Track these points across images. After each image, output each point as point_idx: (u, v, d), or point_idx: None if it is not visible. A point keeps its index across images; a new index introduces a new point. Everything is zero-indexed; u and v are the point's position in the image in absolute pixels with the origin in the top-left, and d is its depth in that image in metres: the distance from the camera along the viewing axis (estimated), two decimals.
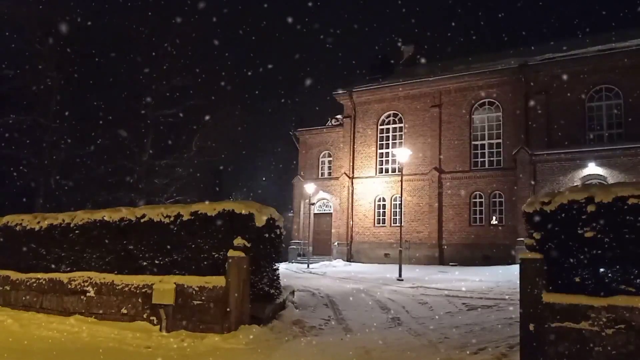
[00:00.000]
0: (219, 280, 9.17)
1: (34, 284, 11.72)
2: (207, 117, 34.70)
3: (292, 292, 11.35)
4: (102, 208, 11.93)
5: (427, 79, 29.04)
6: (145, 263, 10.37)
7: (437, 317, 10.57)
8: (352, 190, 30.45)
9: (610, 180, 21.31)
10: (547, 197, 6.57)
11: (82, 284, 10.84)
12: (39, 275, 11.73)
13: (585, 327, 5.92)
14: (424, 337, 8.61)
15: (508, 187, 25.63)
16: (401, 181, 21.70)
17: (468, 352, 7.49)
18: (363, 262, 27.92)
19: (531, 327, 6.25)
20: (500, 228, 25.91)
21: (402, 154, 21.54)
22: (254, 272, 9.39)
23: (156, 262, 10.23)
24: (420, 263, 25.86)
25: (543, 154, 23.97)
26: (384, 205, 29.59)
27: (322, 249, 31.16)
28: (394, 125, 30.15)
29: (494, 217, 26.41)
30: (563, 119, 24.61)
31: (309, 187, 29.61)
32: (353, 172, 30.67)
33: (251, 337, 8.60)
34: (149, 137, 34.05)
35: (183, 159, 34.76)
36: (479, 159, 27.40)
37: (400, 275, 18.31)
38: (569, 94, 24.75)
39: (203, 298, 9.26)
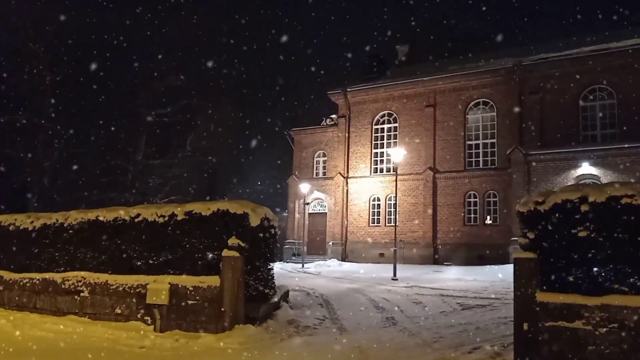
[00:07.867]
0: (213, 280, 9.15)
1: (28, 284, 11.66)
2: (201, 117, 34.69)
3: (287, 292, 11.34)
4: (96, 207, 11.88)
5: (421, 78, 29.02)
6: (139, 263, 10.33)
7: (431, 316, 10.58)
8: (347, 190, 30.45)
9: (604, 180, 21.40)
10: (541, 196, 6.58)
11: (76, 284, 10.79)
12: (33, 275, 11.67)
13: (579, 326, 5.95)
14: (418, 337, 8.63)
15: (502, 187, 25.71)
16: (396, 181, 21.77)
17: (462, 352, 7.51)
18: (358, 262, 27.91)
19: (525, 326, 6.26)
20: (494, 228, 25.98)
21: (397, 153, 21.58)
22: (248, 271, 9.36)
23: (150, 261, 10.20)
24: (414, 263, 25.88)
25: (537, 154, 24.04)
26: (378, 205, 29.61)
27: (316, 248, 31.16)
28: (388, 125, 30.17)
29: (489, 217, 26.48)
30: (557, 118, 24.72)
31: (304, 187, 29.58)
32: (348, 172, 30.66)
33: (246, 337, 8.59)
34: (143, 137, 33.98)
35: (177, 158, 34.71)
36: (474, 159, 27.45)
37: (394, 274, 18.34)
38: (562, 94, 24.85)
39: (197, 298, 9.24)
